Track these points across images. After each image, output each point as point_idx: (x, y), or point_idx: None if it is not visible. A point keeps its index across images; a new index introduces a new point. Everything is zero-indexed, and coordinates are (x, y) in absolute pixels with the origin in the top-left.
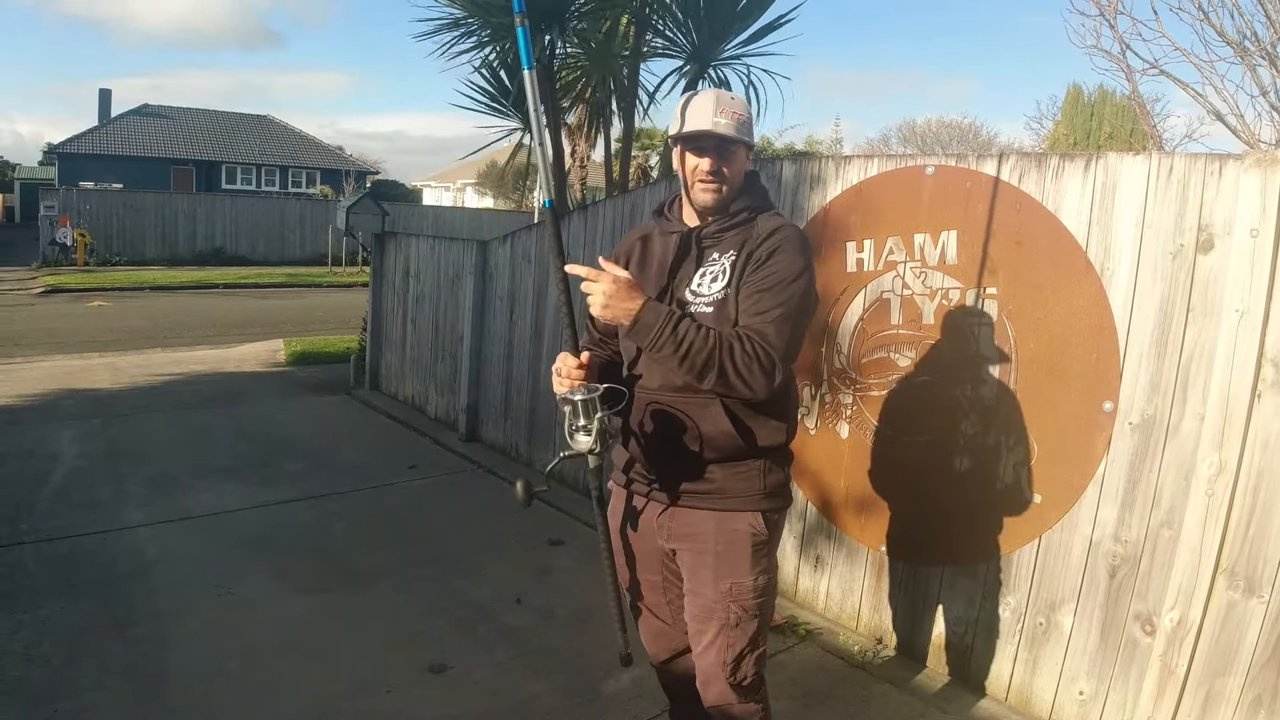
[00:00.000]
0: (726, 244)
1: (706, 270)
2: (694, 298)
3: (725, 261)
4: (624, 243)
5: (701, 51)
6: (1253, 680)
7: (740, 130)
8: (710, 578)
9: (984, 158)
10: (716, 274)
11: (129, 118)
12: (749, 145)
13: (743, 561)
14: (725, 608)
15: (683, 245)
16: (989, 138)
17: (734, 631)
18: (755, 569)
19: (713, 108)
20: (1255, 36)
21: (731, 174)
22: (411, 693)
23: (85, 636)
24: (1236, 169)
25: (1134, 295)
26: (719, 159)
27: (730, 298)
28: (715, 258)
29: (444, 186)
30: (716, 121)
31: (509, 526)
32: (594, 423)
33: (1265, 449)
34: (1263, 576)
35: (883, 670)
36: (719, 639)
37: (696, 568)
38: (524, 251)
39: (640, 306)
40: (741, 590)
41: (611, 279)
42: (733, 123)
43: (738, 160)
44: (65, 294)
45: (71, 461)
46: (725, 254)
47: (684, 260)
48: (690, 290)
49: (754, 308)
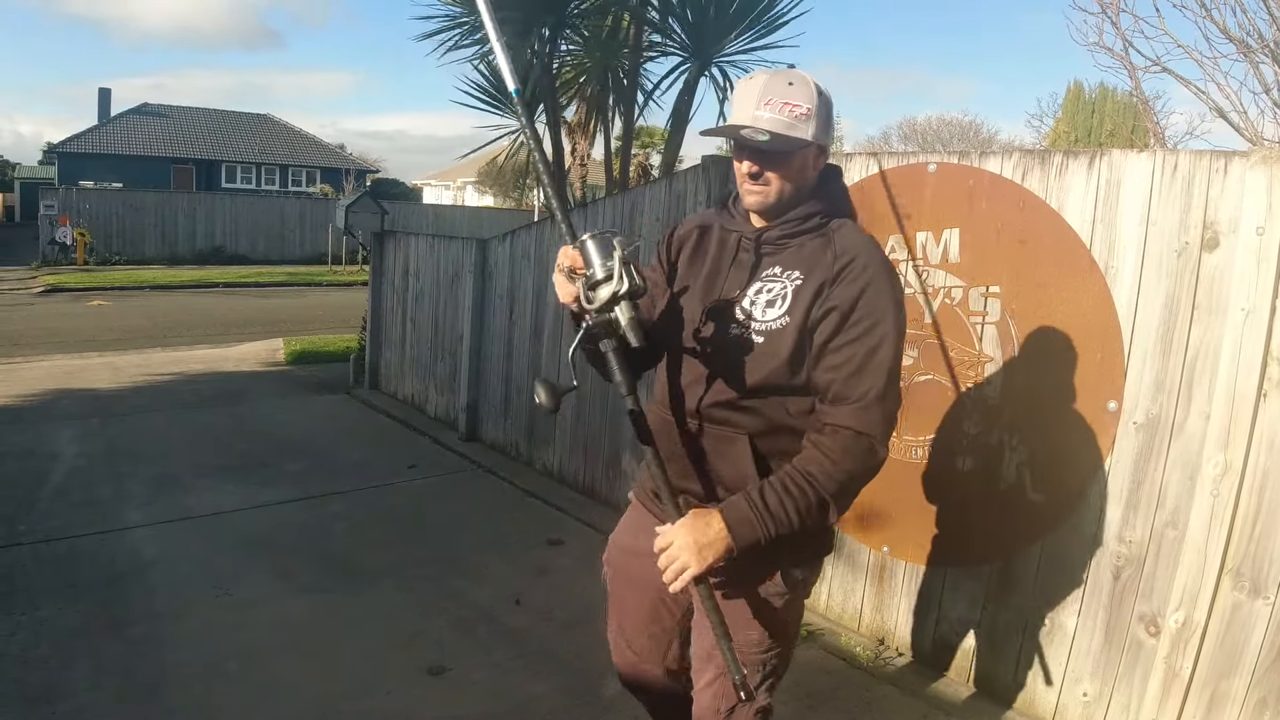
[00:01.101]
0: (790, 257)
1: (764, 286)
2: (745, 318)
3: (788, 283)
4: (683, 227)
5: (702, 49)
6: (1258, 681)
7: (792, 128)
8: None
9: (987, 155)
10: (775, 297)
11: (129, 117)
12: (810, 145)
13: (753, 618)
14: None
15: (740, 249)
16: (990, 135)
17: (729, 683)
18: (767, 623)
19: (757, 98)
20: (1258, 33)
21: (781, 178)
22: (411, 694)
23: (83, 637)
24: (1242, 166)
25: (1139, 293)
26: (760, 162)
27: (790, 331)
28: (776, 272)
29: (444, 185)
30: (757, 116)
31: (508, 526)
32: (613, 260)
33: (1271, 449)
34: (1268, 577)
35: (885, 672)
36: (715, 684)
37: (702, 611)
38: (524, 250)
39: (724, 531)
40: (747, 642)
41: (677, 536)
42: (781, 118)
43: (790, 162)
44: (65, 293)
45: (70, 461)
46: (789, 272)
47: (739, 265)
48: (741, 308)
49: (845, 390)
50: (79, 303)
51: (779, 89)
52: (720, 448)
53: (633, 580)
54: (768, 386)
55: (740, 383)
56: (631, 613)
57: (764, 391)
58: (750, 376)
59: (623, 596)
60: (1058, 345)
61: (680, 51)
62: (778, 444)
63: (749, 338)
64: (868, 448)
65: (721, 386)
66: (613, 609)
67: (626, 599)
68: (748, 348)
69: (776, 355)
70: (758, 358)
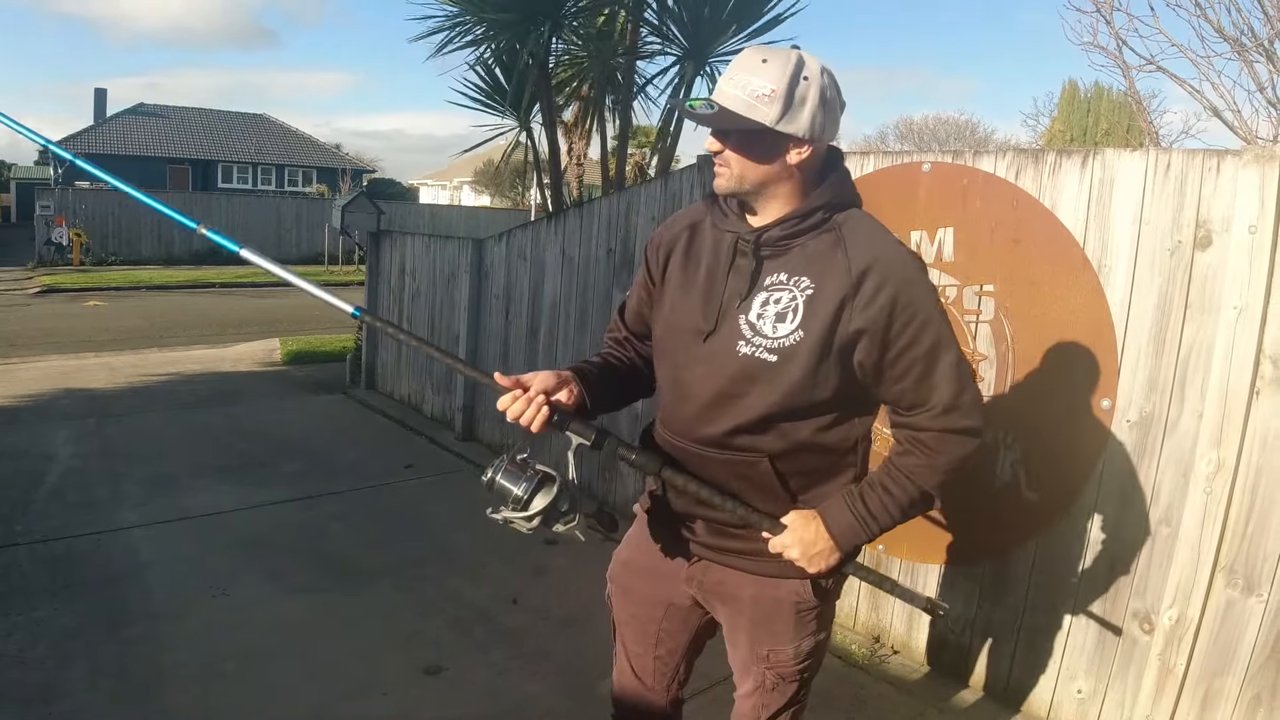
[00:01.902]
0: (795, 260)
1: (770, 296)
2: (752, 334)
3: (798, 292)
4: (669, 228)
5: (698, 49)
6: (1251, 678)
7: (750, 109)
8: (745, 641)
9: (981, 154)
10: (785, 310)
11: (125, 117)
12: (763, 130)
13: (784, 630)
14: (761, 672)
15: (736, 252)
16: (986, 135)
17: (770, 694)
18: (799, 635)
19: (728, 72)
20: (1252, 32)
21: (744, 160)
22: (408, 694)
23: (80, 638)
24: (1234, 165)
25: (1132, 292)
26: (719, 140)
27: (805, 348)
28: (781, 279)
29: (440, 185)
30: (720, 91)
31: (505, 526)
32: (524, 488)
33: (1264, 446)
34: (1261, 574)
35: (880, 670)
36: (754, 696)
37: (732, 629)
38: (520, 250)
39: (830, 543)
40: (781, 658)
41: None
42: (741, 95)
43: (754, 145)
44: (61, 294)
45: (67, 461)
46: (796, 278)
47: (738, 272)
48: (747, 322)
49: (919, 397)
50: (75, 303)
51: (748, 65)
52: (741, 471)
53: (639, 598)
54: (786, 410)
55: (755, 408)
56: (638, 635)
57: (781, 416)
58: (766, 400)
59: (628, 617)
60: (1051, 344)
61: (676, 51)
62: (799, 463)
63: (760, 357)
64: (962, 436)
65: (735, 411)
66: (617, 631)
67: (632, 620)
68: (761, 368)
69: (793, 376)
70: (773, 380)
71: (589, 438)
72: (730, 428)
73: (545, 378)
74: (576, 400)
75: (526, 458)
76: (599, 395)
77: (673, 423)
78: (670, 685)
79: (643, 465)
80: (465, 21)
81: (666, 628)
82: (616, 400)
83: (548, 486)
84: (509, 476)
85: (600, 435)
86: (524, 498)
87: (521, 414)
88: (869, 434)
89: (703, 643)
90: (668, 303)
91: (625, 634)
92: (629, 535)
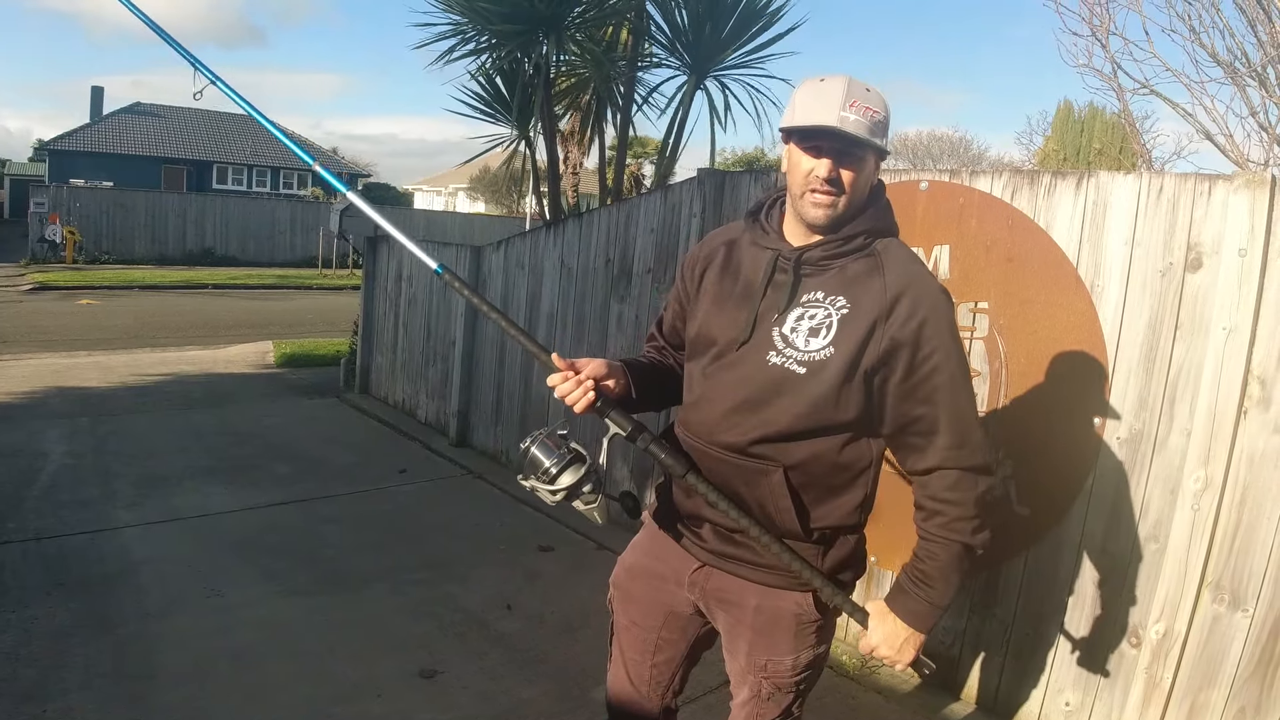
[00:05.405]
0: (833, 280)
1: (805, 311)
2: (784, 345)
3: (833, 310)
4: (706, 244)
5: (699, 62)
6: (1237, 693)
7: (874, 131)
8: (744, 649)
9: (977, 174)
10: (819, 325)
11: (120, 116)
12: (880, 152)
13: (784, 641)
14: (758, 681)
15: (776, 268)
16: (979, 152)
17: (765, 704)
18: (799, 647)
19: (841, 98)
20: (1245, 57)
21: (855, 186)
22: (403, 698)
23: (73, 637)
24: (1225, 189)
25: (1123, 312)
26: (840, 163)
27: (835, 364)
28: (818, 297)
29: (435, 190)
30: (844, 116)
31: (499, 532)
32: (555, 461)
33: (1251, 465)
34: (1248, 590)
35: (870, 680)
36: (750, 705)
37: (731, 637)
38: (518, 258)
39: (909, 632)
40: (779, 669)
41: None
42: (865, 120)
43: (865, 169)
44: (53, 291)
45: (59, 460)
46: (833, 297)
47: (776, 286)
48: (781, 334)
49: (933, 432)
50: (67, 301)
51: (860, 92)
52: (753, 478)
53: (640, 604)
54: (808, 423)
55: (779, 419)
56: (637, 641)
57: (803, 429)
58: (792, 411)
59: (628, 623)
60: (1044, 361)
61: (677, 64)
62: (812, 477)
63: (790, 368)
64: (975, 476)
65: (758, 420)
66: (615, 637)
67: (632, 626)
68: (789, 379)
69: (819, 390)
70: (799, 392)
71: (625, 429)
72: (753, 437)
73: (598, 365)
74: (623, 390)
75: (564, 435)
76: (645, 390)
77: (694, 424)
78: (665, 693)
79: (670, 466)
80: (469, 31)
81: (665, 636)
82: (660, 399)
83: (576, 465)
84: (543, 449)
85: (636, 428)
86: (553, 471)
87: (569, 394)
88: (882, 457)
89: (699, 654)
90: (701, 312)
91: (624, 640)
92: (635, 540)
